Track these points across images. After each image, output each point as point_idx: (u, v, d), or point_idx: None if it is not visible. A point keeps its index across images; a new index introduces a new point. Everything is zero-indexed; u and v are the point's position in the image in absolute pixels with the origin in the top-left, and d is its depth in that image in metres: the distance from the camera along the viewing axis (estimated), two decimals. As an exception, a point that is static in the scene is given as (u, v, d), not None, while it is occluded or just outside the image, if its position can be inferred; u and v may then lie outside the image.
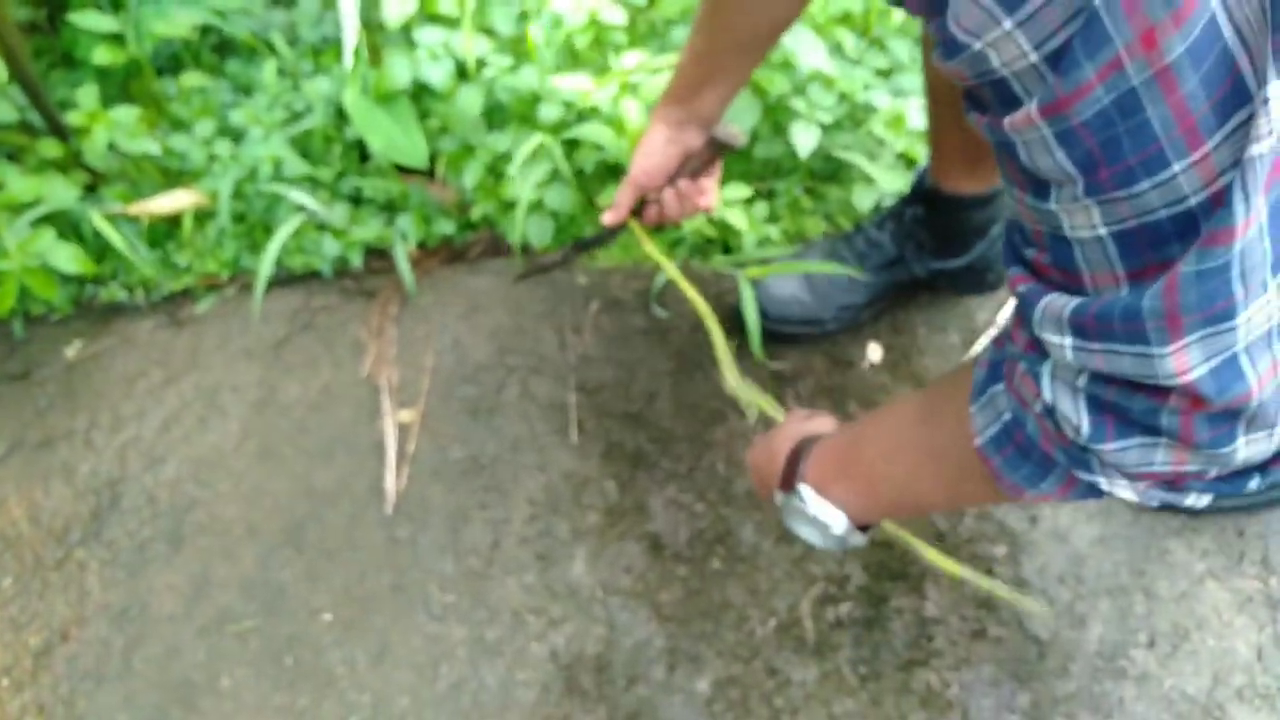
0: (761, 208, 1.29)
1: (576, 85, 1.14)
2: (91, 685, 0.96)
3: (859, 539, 0.68)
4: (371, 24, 1.32)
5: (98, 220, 1.21)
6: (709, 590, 0.96)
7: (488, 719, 0.90)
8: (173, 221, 1.34)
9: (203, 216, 1.33)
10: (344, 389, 1.18)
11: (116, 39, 1.32)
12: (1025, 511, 0.98)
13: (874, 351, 1.13)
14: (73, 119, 1.26)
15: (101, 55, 1.28)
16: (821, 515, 0.67)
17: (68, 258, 1.17)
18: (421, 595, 0.99)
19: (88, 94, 1.28)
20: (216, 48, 1.49)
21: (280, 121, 1.31)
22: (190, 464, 1.12)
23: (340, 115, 1.36)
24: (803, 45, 1.19)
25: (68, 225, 1.28)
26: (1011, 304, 1.12)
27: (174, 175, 1.38)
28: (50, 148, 1.29)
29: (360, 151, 1.38)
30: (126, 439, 1.15)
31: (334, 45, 1.42)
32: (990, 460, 0.53)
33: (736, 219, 1.22)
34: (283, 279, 1.32)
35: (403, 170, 1.34)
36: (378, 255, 1.34)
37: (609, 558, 0.99)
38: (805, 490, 0.67)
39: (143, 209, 1.29)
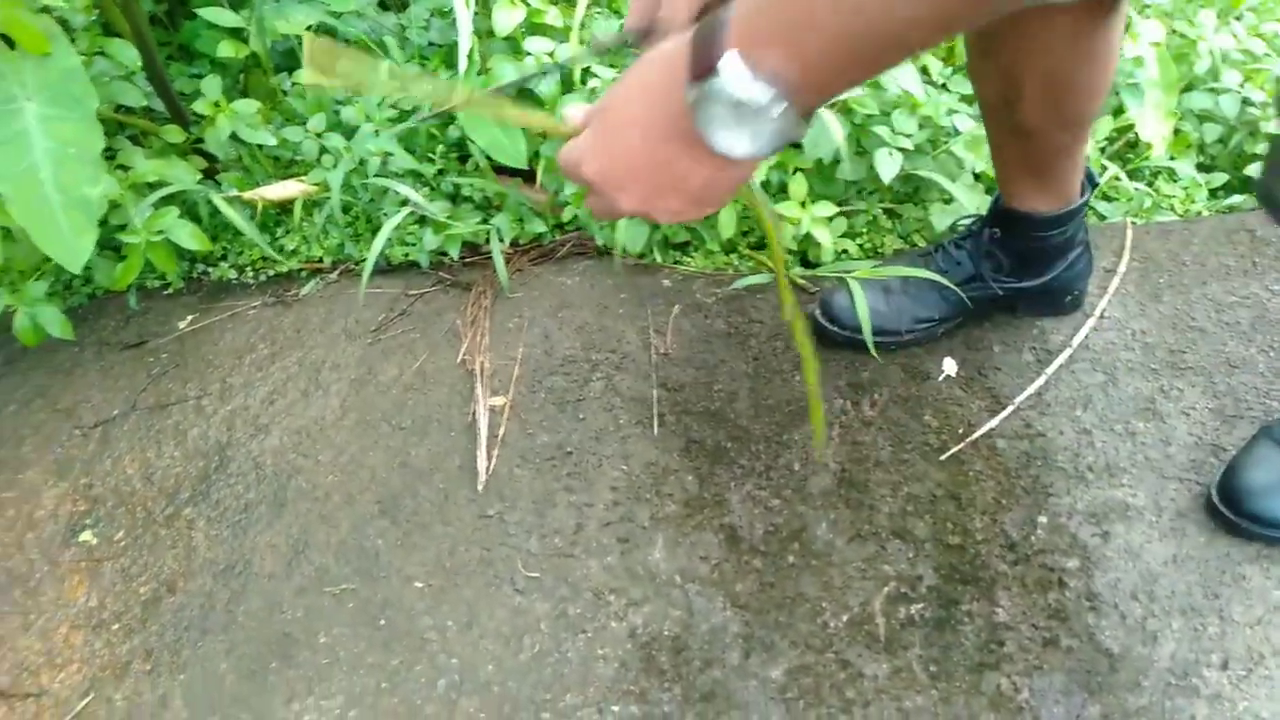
0: (840, 223, 1.32)
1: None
2: (196, 635, 1.01)
3: (799, 126, 0.49)
4: (481, 32, 1.38)
5: (220, 203, 1.28)
6: (783, 583, 0.98)
7: (568, 690, 0.93)
8: (281, 208, 1.41)
9: (309, 205, 1.39)
10: (439, 373, 1.22)
11: (238, 34, 1.40)
12: (1098, 526, 0.99)
13: (949, 365, 1.15)
14: (198, 108, 1.33)
15: (226, 49, 1.35)
16: (753, 94, 0.46)
17: (188, 235, 1.24)
18: (508, 570, 1.03)
19: (211, 85, 1.35)
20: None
21: (389, 120, 1.38)
22: (293, 434, 1.18)
23: (444, 116, 1.42)
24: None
25: (183, 207, 1.35)
26: (1088, 326, 1.13)
27: (284, 165, 1.45)
28: (173, 133, 1.37)
29: (460, 152, 1.43)
30: (234, 407, 1.21)
31: (440, 50, 1.49)
32: None
33: (820, 234, 1.25)
34: (382, 268, 1.38)
35: (499, 171, 1.39)
36: (471, 249, 1.39)
37: (687, 546, 1.02)
38: (731, 60, 0.46)
39: (257, 195, 1.36)
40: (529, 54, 1.28)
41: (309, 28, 1.44)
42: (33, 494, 1.15)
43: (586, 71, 1.33)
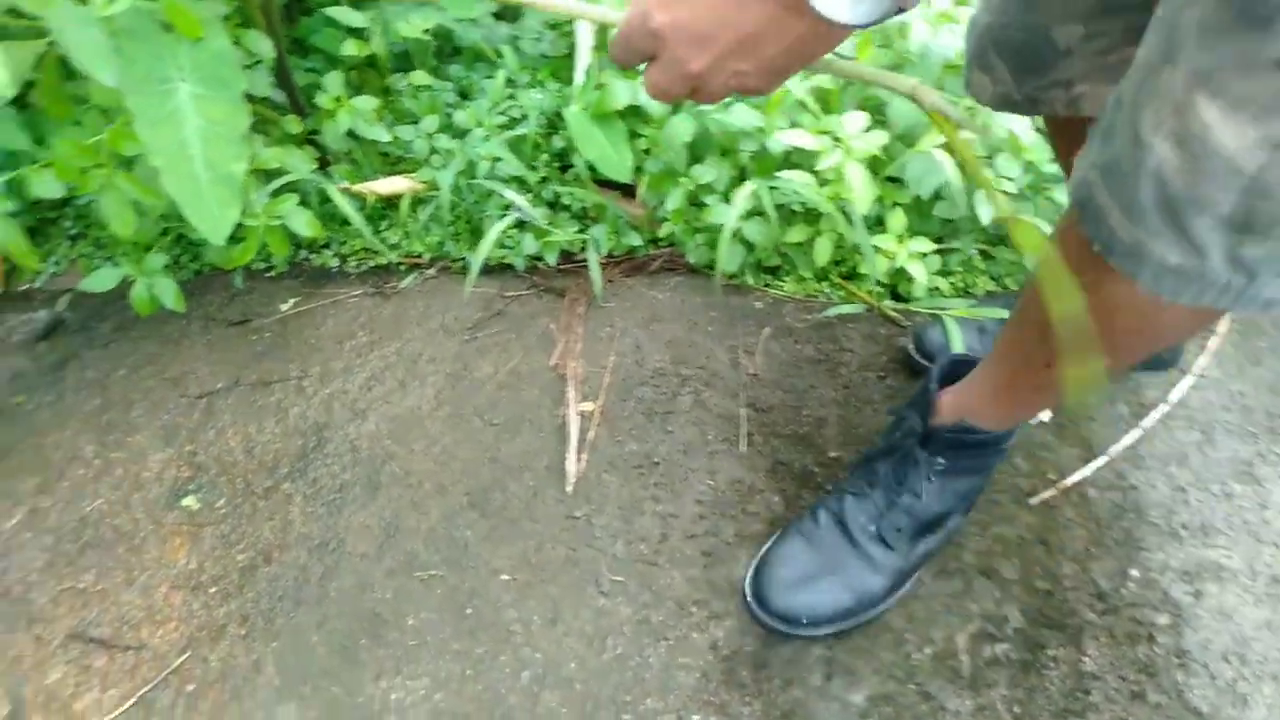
0: (934, 260, 1.33)
1: (799, 140, 1.21)
2: (290, 605, 1.05)
3: None
4: (597, 46, 1.42)
5: (335, 194, 1.34)
6: (868, 611, 0.99)
7: (649, 695, 0.95)
8: (386, 203, 1.46)
9: (414, 202, 1.44)
10: (532, 374, 1.26)
11: (359, 34, 1.46)
12: (1191, 585, 0.99)
13: (1042, 411, 1.16)
14: (321, 101, 1.39)
15: (350, 48, 1.41)
16: None
17: (304, 223, 1.29)
18: (593, 572, 1.05)
19: (333, 81, 1.41)
20: (437, 52, 1.62)
21: (499, 126, 1.42)
22: (389, 421, 1.22)
23: (550, 126, 1.47)
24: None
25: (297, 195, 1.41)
26: (1185, 384, 1.13)
27: (391, 161, 1.50)
28: (293, 124, 1.43)
29: (562, 162, 1.48)
30: (334, 391, 1.26)
31: (550, 61, 1.54)
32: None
33: (916, 270, 1.27)
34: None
35: (599, 183, 1.43)
36: (565, 256, 1.43)
37: (772, 565, 1.04)
38: None
39: (367, 189, 1.41)
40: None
41: (426, 31, 1.49)
42: (140, 456, 1.20)
43: None
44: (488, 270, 1.43)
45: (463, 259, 1.44)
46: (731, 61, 0.51)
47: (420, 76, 1.50)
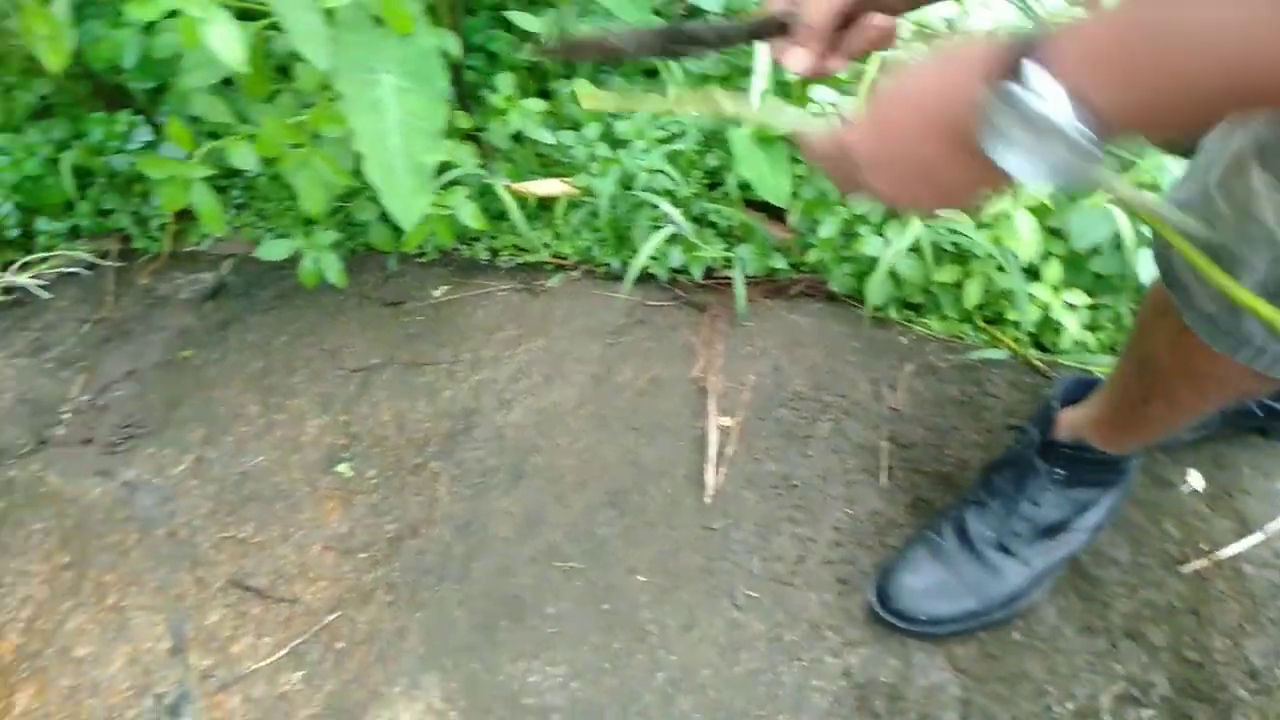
0: (1084, 314, 1.32)
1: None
2: (434, 580, 1.09)
3: (1083, 160, 0.43)
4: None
5: (501, 191, 1.39)
6: (1007, 657, 0.99)
7: (781, 713, 0.96)
8: (540, 203, 1.52)
9: (568, 205, 1.49)
10: (672, 383, 1.29)
11: (529, 38, 1.52)
12: (1351, 676, 0.96)
13: (1194, 478, 1.14)
14: (493, 101, 1.45)
15: (526, 51, 1.47)
16: (1052, 108, 0.42)
17: (470, 215, 1.35)
18: (728, 584, 1.07)
19: (505, 82, 1.47)
20: (600, 63, 1.67)
21: (658, 139, 1.47)
22: (534, 414, 1.26)
23: (704, 143, 1.51)
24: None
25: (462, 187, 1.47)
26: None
27: (548, 163, 1.56)
28: (463, 119, 1.49)
29: (712, 180, 1.51)
30: (483, 379, 1.31)
31: (711, 80, 1.57)
32: None
33: (1068, 320, 1.26)
34: (618, 273, 1.47)
35: (748, 204, 1.46)
36: (707, 273, 1.46)
37: (908, 600, 1.04)
38: (1039, 71, 0.42)
39: (525, 189, 1.47)
40: (812, 100, 1.35)
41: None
42: (299, 420, 1.27)
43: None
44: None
45: (607, 264, 1.48)
46: (910, 186, 0.54)
47: (584, 84, 1.56)
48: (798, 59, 0.70)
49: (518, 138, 1.50)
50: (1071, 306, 1.29)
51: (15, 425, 1.28)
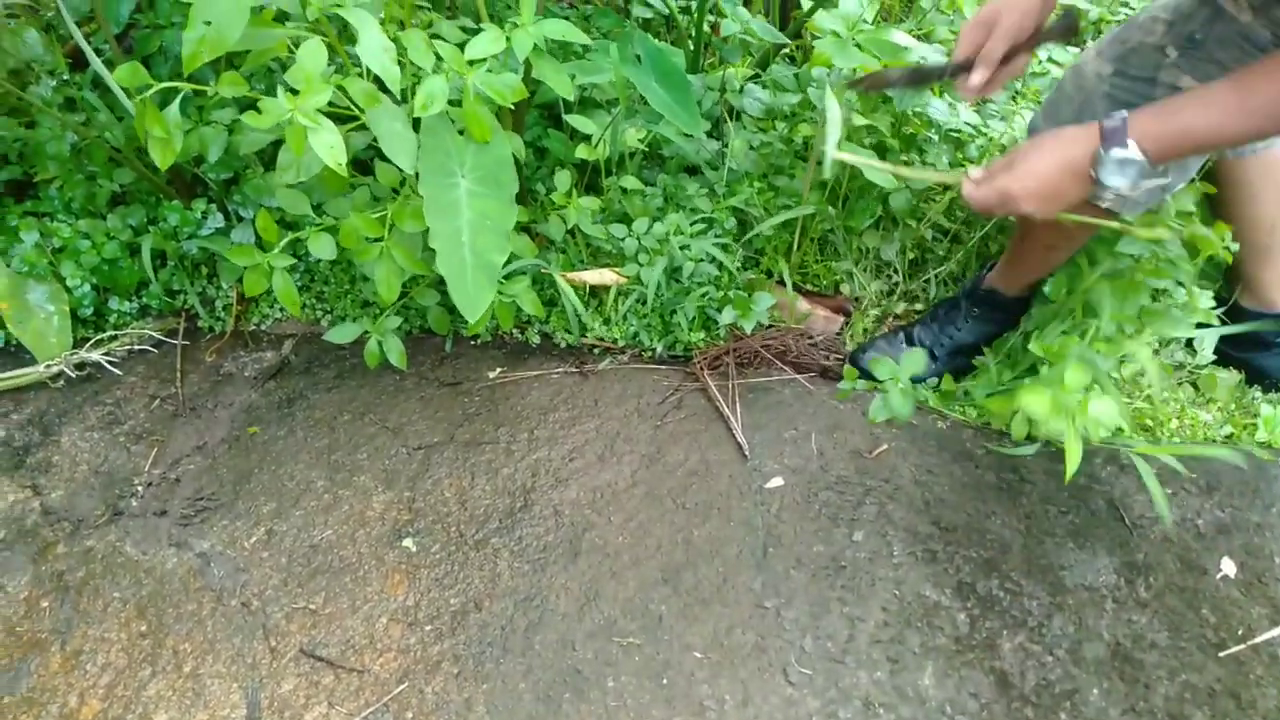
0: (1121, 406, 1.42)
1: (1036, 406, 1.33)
2: (498, 653, 1.17)
3: (1150, 176, 1.01)
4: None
5: (559, 280, 1.52)
6: (1054, 738, 1.05)
7: (837, 788, 1.02)
8: (590, 290, 1.64)
9: (618, 292, 1.61)
10: (720, 465, 1.38)
11: (586, 139, 1.66)
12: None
13: (1228, 566, 1.22)
14: (552, 197, 1.59)
15: (583, 152, 1.62)
16: (1138, 159, 0.99)
17: (530, 302, 1.47)
18: (781, 661, 1.14)
19: (563, 180, 1.61)
20: (647, 158, 1.82)
21: (698, 232, 1.60)
22: (589, 492, 1.35)
23: (741, 228, 1.64)
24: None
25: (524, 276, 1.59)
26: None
27: (595, 252, 1.69)
28: (524, 213, 1.63)
29: (746, 266, 1.64)
30: (539, 457, 1.41)
31: (749, 177, 1.72)
32: None
33: (1104, 413, 1.36)
34: (662, 356, 1.58)
35: (797, 289, 1.58)
36: (751, 355, 1.57)
37: (957, 680, 1.11)
38: (1132, 142, 0.98)
39: (577, 278, 1.59)
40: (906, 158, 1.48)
41: (640, 140, 1.70)
42: (365, 495, 1.36)
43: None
44: (672, 359, 1.58)
45: (654, 349, 1.60)
46: (1047, 204, 1.06)
47: (631, 181, 1.70)
48: (979, 78, 1.14)
49: (571, 230, 1.64)
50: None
51: (91, 496, 1.38)
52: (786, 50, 1.97)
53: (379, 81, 1.19)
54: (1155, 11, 1.17)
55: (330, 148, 1.13)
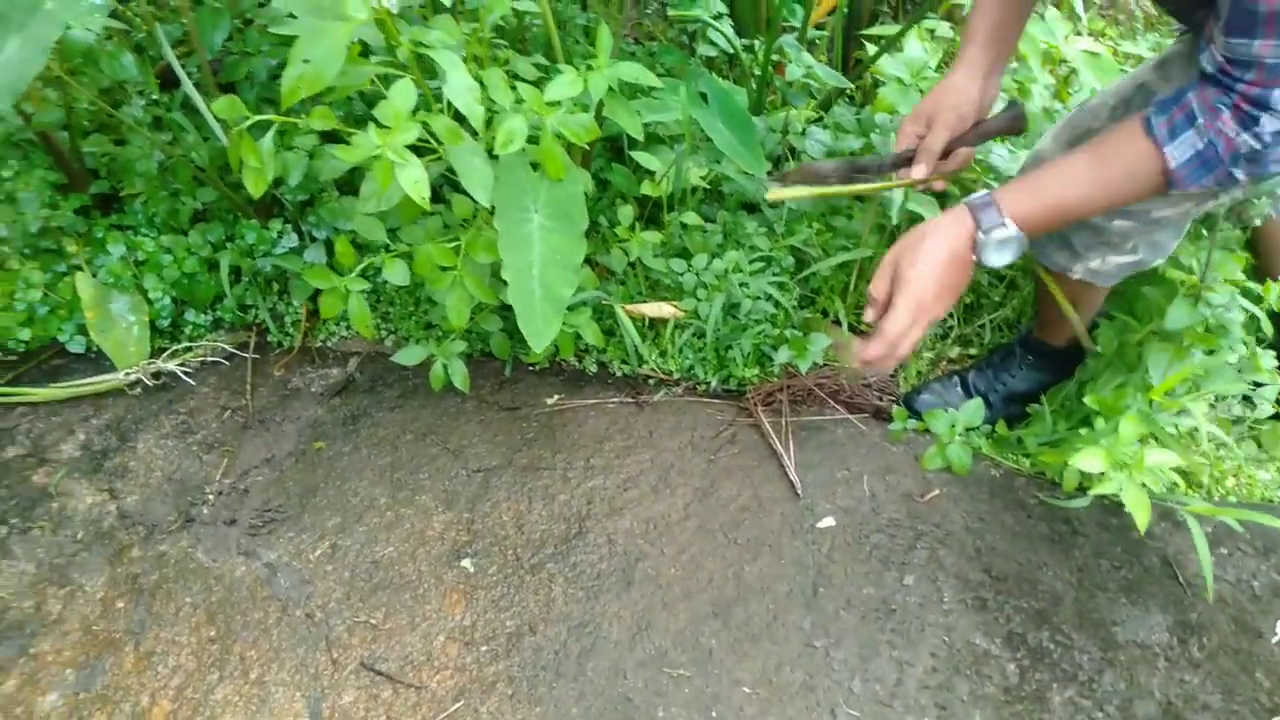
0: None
1: (1091, 464, 1.36)
2: (551, 676, 1.20)
3: (1027, 245, 1.06)
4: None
5: (620, 312, 1.56)
6: (1102, 795, 1.06)
7: (883, 832, 1.04)
8: (648, 322, 1.68)
9: (675, 325, 1.65)
10: (772, 503, 1.41)
11: (650, 175, 1.71)
12: None
13: (1284, 630, 1.22)
14: (616, 230, 1.64)
15: (647, 188, 1.66)
16: (1012, 232, 1.03)
17: (592, 332, 1.52)
18: (829, 701, 1.16)
19: (626, 214, 1.66)
20: (707, 194, 1.87)
21: (756, 271, 1.63)
22: (642, 522, 1.39)
23: (798, 265, 1.68)
24: None
25: (585, 308, 1.64)
26: None
27: (657, 287, 1.73)
28: (587, 247, 1.68)
29: (802, 304, 1.67)
30: (594, 485, 1.44)
31: (807, 216, 1.75)
32: (1178, 174, 0.95)
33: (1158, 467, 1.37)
34: (716, 391, 1.62)
35: (838, 324, 1.60)
36: (805, 393, 1.60)
37: (1005, 731, 1.13)
38: (1009, 222, 1.03)
39: (637, 310, 1.63)
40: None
41: (702, 177, 1.74)
42: (426, 515, 1.41)
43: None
44: (725, 393, 1.62)
45: (708, 382, 1.63)
46: (948, 299, 1.10)
47: (692, 217, 1.74)
48: (920, 172, 1.21)
49: (632, 263, 1.68)
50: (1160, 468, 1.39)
51: (165, 503, 1.44)
52: (847, 91, 2.01)
53: (457, 116, 1.25)
54: (1106, 98, 1.23)
55: (415, 183, 1.19)
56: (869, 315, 1.13)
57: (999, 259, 1.04)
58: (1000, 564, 1.32)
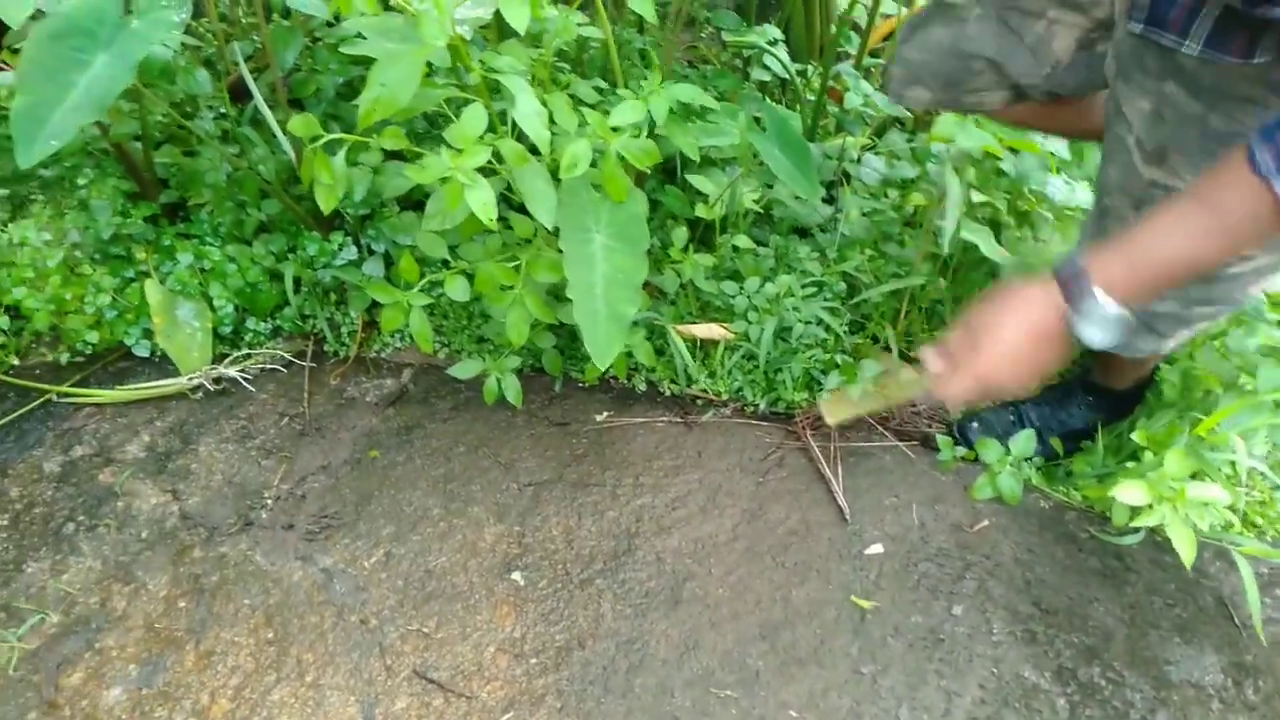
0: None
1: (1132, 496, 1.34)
2: (599, 692, 1.22)
3: (1129, 320, 0.93)
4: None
5: (671, 332, 1.59)
6: (1154, 836, 1.06)
7: None
8: (698, 343, 1.70)
9: (726, 347, 1.67)
10: (820, 526, 1.42)
11: (704, 198, 1.74)
12: None
13: (1343, 676, 1.20)
14: (671, 252, 1.67)
15: (701, 210, 1.69)
16: (1112, 309, 0.91)
17: (645, 353, 1.54)
18: (877, 729, 1.17)
19: (680, 236, 1.69)
20: (759, 218, 1.89)
21: (808, 294, 1.65)
22: (690, 542, 1.40)
23: (849, 291, 1.69)
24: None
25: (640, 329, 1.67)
26: None
27: (708, 308, 1.75)
28: (638, 265, 1.70)
29: (852, 329, 1.68)
30: (643, 503, 1.47)
31: (860, 242, 1.77)
32: None
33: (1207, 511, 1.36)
34: (764, 413, 1.63)
35: (903, 357, 1.61)
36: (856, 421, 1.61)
37: (1054, 766, 1.12)
38: (1099, 293, 0.90)
39: (687, 331, 1.66)
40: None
41: (755, 200, 1.76)
42: (478, 527, 1.44)
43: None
44: (773, 415, 1.63)
45: (757, 405, 1.65)
46: (1030, 379, 0.99)
47: (744, 240, 1.77)
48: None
49: (683, 284, 1.71)
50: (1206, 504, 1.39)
51: (225, 505, 1.49)
52: (900, 119, 2.02)
53: (520, 137, 1.29)
54: None
55: (484, 204, 1.22)
56: (936, 363, 1.04)
57: (1104, 338, 0.92)
58: (1050, 597, 1.32)
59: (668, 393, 1.69)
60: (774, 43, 1.99)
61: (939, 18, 1.31)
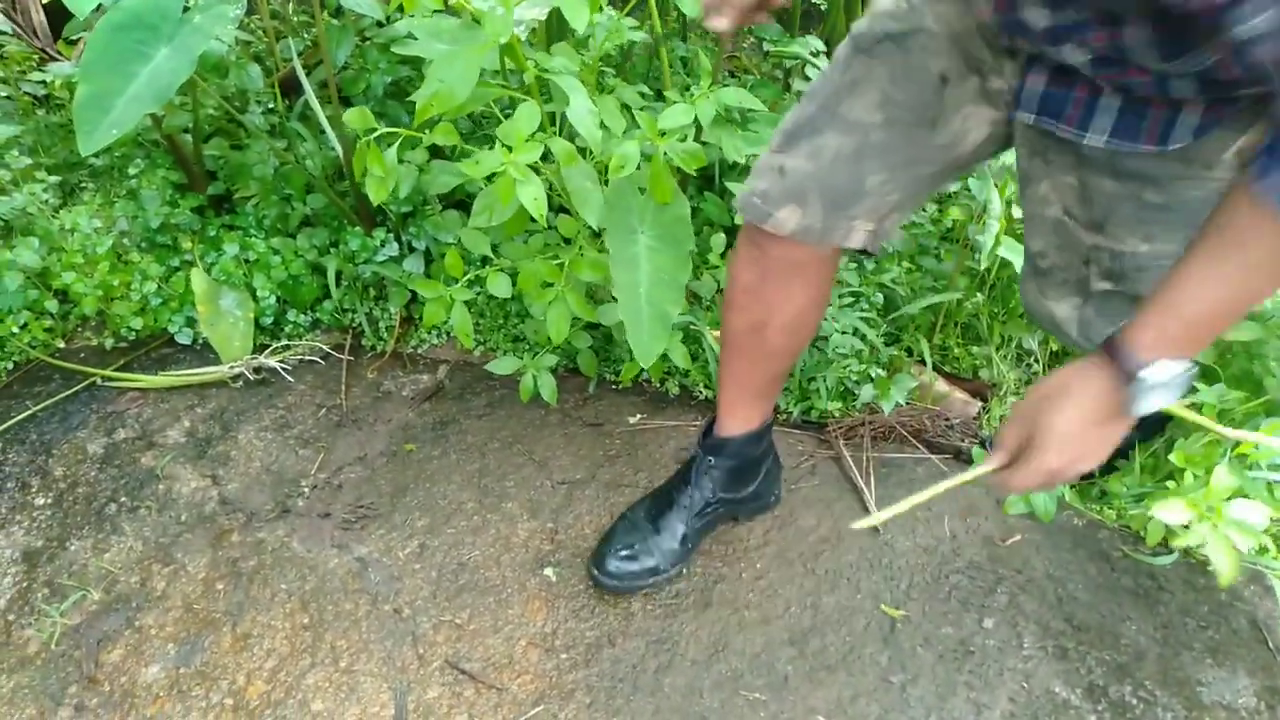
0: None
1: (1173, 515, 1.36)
2: (628, 689, 1.24)
3: (1193, 371, 0.83)
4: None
5: (708, 337, 1.60)
6: None
7: None
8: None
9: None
10: (851, 536, 1.43)
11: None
12: None
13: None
14: (708, 257, 1.69)
15: (739, 217, 1.71)
16: (1170, 374, 0.81)
17: (681, 356, 1.56)
18: (905, 738, 1.18)
19: (718, 241, 1.71)
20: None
21: (845, 304, 1.66)
22: (720, 545, 1.42)
23: (886, 305, 1.70)
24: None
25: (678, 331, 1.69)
26: None
27: (741, 315, 1.77)
28: (675, 269, 1.73)
29: (888, 339, 1.69)
30: (675, 506, 1.48)
31: (895, 255, 1.78)
32: None
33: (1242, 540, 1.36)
34: (795, 422, 1.64)
35: (940, 372, 1.62)
36: (886, 430, 1.62)
37: (1084, 782, 1.13)
38: (1155, 364, 0.81)
39: (719, 336, 1.67)
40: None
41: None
42: (511, 522, 1.46)
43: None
44: (804, 424, 1.64)
45: (789, 413, 1.66)
46: (1094, 460, 0.88)
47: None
48: (723, 24, 1.05)
49: (720, 290, 1.73)
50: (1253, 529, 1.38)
51: (263, 492, 1.52)
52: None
53: (568, 138, 1.32)
54: None
55: (535, 199, 1.25)
56: (994, 459, 0.96)
57: (1162, 401, 0.83)
58: (1082, 614, 1.32)
59: (700, 397, 1.71)
60: (816, 54, 2.01)
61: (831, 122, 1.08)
